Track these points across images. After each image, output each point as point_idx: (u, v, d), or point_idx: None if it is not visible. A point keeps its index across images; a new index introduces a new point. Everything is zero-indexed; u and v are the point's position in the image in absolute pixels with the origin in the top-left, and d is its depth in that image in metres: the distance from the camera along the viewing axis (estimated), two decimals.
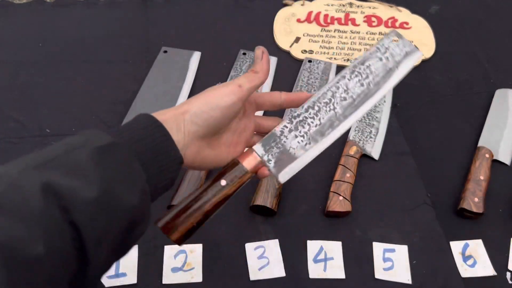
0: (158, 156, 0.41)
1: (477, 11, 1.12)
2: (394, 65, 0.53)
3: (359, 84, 0.52)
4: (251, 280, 0.66)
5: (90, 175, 0.35)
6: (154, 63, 0.93)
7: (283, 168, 0.50)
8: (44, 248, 0.31)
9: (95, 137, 0.39)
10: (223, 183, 0.47)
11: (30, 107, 0.85)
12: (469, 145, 0.84)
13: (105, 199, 0.35)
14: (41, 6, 1.05)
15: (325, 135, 0.51)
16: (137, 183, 0.38)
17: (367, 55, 0.53)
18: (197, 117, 0.44)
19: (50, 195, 0.33)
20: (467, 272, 0.68)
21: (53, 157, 0.36)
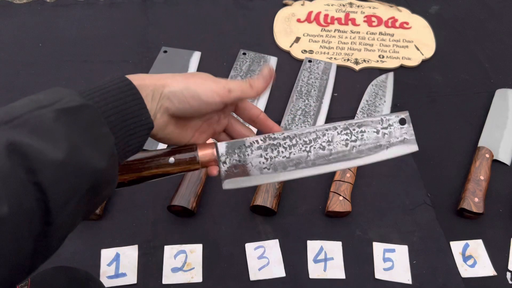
0: (128, 120, 0.40)
1: (477, 11, 1.12)
2: (386, 144, 0.51)
3: (344, 143, 0.50)
4: (251, 280, 0.66)
5: (57, 137, 0.35)
6: (154, 63, 0.93)
7: (232, 177, 0.49)
8: (8, 208, 0.31)
9: (65, 96, 0.38)
10: (171, 160, 0.47)
11: None
12: (469, 145, 0.84)
13: (71, 162, 0.35)
14: (41, 6, 1.05)
15: (286, 169, 0.50)
16: (105, 147, 0.38)
17: (368, 121, 0.51)
18: (175, 97, 0.44)
19: (16, 155, 0.32)
20: (467, 272, 0.68)
21: (20, 114, 0.35)
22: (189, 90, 0.45)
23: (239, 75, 0.92)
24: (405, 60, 0.98)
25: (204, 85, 0.45)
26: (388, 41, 1.02)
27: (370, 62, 0.97)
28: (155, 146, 0.78)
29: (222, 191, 0.75)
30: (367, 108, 0.86)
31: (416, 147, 0.51)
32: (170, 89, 0.44)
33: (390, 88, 0.91)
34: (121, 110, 0.40)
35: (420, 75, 0.97)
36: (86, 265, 0.64)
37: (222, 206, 0.73)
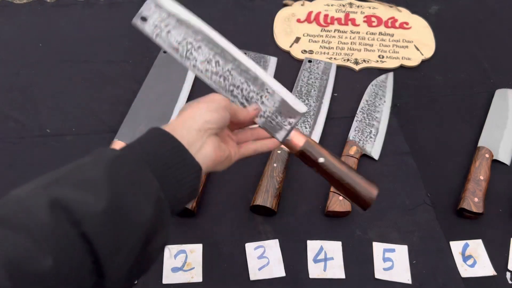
0: (173, 166, 0.41)
1: (477, 11, 1.12)
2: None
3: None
4: (251, 280, 0.66)
5: (99, 187, 0.35)
6: (154, 63, 0.93)
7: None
8: (54, 261, 0.31)
9: (104, 152, 0.39)
10: (321, 160, 0.54)
11: (30, 107, 0.85)
12: (469, 145, 0.84)
13: (115, 209, 0.35)
14: (41, 6, 1.05)
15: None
16: (150, 192, 0.38)
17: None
18: (208, 115, 0.46)
19: (58, 210, 0.33)
20: (467, 272, 0.68)
21: (62, 175, 0.37)
22: (211, 105, 0.48)
23: None
24: (405, 60, 0.98)
25: (213, 98, 0.49)
26: (388, 41, 1.02)
27: (370, 62, 0.97)
28: None
29: (222, 191, 0.75)
30: (367, 108, 0.86)
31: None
32: (199, 113, 0.46)
33: (390, 88, 0.91)
34: (163, 158, 0.41)
35: (420, 75, 0.97)
36: None
37: (222, 206, 0.73)
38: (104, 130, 0.82)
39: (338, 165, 0.54)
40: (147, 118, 0.82)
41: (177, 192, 0.41)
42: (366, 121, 0.84)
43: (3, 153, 0.78)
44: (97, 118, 0.84)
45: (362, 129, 0.83)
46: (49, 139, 0.80)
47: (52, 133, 0.81)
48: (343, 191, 0.55)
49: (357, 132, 0.82)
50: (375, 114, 0.86)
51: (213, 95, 0.50)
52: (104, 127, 0.83)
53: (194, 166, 0.43)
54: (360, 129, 0.83)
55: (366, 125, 0.84)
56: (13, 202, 0.34)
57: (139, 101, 0.85)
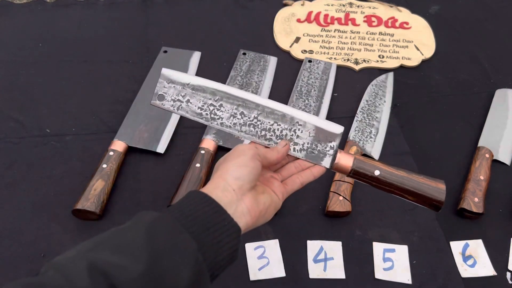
0: (211, 228, 0.41)
1: (477, 11, 1.12)
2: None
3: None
4: (251, 280, 0.66)
5: (137, 251, 0.36)
6: (154, 63, 0.93)
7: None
8: None
9: (143, 215, 0.39)
10: (376, 173, 0.53)
11: (30, 107, 0.85)
12: (469, 145, 0.84)
13: (152, 272, 0.35)
14: (41, 6, 1.05)
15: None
16: (187, 253, 0.38)
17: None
18: (238, 172, 0.46)
19: (97, 274, 0.34)
20: (467, 272, 0.68)
21: (104, 240, 0.37)
22: (237, 160, 0.47)
23: (239, 75, 0.92)
24: (405, 60, 0.98)
25: (239, 150, 0.49)
26: (388, 41, 1.02)
27: (370, 62, 0.97)
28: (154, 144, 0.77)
29: None
30: (367, 108, 0.86)
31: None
32: (228, 172, 0.46)
33: (390, 88, 0.91)
34: (201, 220, 0.41)
35: (420, 75, 0.97)
36: None
37: None
38: (104, 130, 0.82)
39: (396, 172, 0.53)
40: (147, 118, 0.82)
41: (217, 255, 0.41)
42: (366, 121, 0.84)
43: (3, 153, 0.78)
44: (97, 118, 0.84)
45: (362, 129, 0.83)
46: (49, 139, 0.80)
47: (52, 133, 0.81)
48: (411, 197, 0.54)
49: (357, 132, 0.82)
50: (375, 114, 0.86)
51: (239, 147, 0.50)
52: (104, 127, 0.83)
53: (233, 226, 0.43)
54: (360, 129, 0.83)
55: (366, 125, 0.84)
56: (54, 268, 0.34)
57: (139, 101, 0.85)
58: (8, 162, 0.77)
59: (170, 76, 0.53)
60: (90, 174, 0.72)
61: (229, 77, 0.91)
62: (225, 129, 0.53)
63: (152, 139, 0.79)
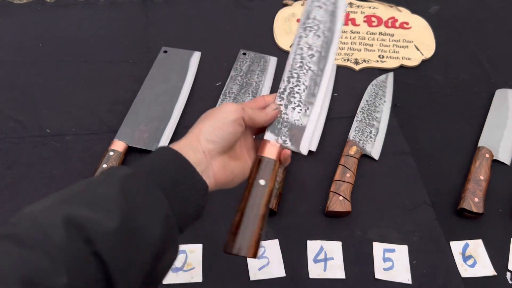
0: (180, 185, 0.41)
1: (477, 11, 1.12)
2: (332, 6, 0.57)
3: (315, 36, 0.56)
4: (251, 280, 0.66)
5: (111, 206, 0.36)
6: (154, 63, 0.93)
7: (299, 141, 0.51)
8: (68, 279, 0.32)
9: (116, 170, 0.40)
10: (262, 183, 0.48)
11: (30, 107, 0.85)
12: (469, 145, 0.84)
13: (127, 228, 0.36)
14: (41, 6, 1.05)
15: (315, 94, 0.53)
16: (160, 210, 0.39)
17: (308, 9, 0.57)
18: (212, 134, 0.46)
19: (72, 228, 0.34)
20: (467, 272, 0.68)
21: (76, 193, 0.37)
22: (216, 121, 0.47)
23: (239, 75, 0.92)
24: (405, 60, 0.98)
25: (223, 111, 0.48)
26: (388, 41, 1.02)
27: (370, 62, 0.97)
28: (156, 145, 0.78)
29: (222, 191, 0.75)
30: (367, 108, 0.86)
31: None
32: (202, 132, 0.46)
33: (390, 88, 0.91)
34: (171, 176, 0.41)
35: (420, 75, 0.97)
36: None
37: (222, 206, 0.73)
38: (104, 130, 0.82)
39: (262, 202, 0.48)
40: (147, 118, 0.82)
41: (184, 210, 0.42)
42: (366, 121, 0.84)
43: (3, 153, 0.78)
44: (97, 118, 0.84)
45: (362, 129, 0.83)
46: (49, 139, 0.80)
47: (52, 133, 0.81)
48: (236, 218, 0.48)
49: (357, 132, 0.82)
50: (375, 114, 0.86)
51: (225, 106, 0.49)
52: (104, 127, 0.83)
53: (201, 184, 0.43)
54: (360, 129, 0.83)
55: (366, 125, 0.84)
56: (28, 220, 0.34)
57: (139, 101, 0.85)
58: (8, 162, 0.77)
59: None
60: (90, 174, 0.72)
61: (229, 77, 0.91)
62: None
63: (152, 139, 0.79)
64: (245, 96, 0.88)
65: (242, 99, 0.87)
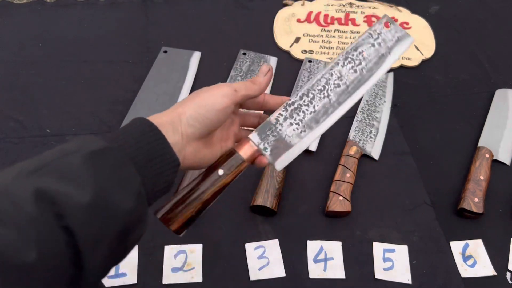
0: (154, 160, 0.41)
1: (477, 11, 1.12)
2: (387, 50, 0.54)
3: (352, 70, 0.53)
4: (251, 280, 0.66)
5: (83, 180, 0.35)
6: (154, 63, 0.93)
7: (279, 156, 0.50)
8: (37, 254, 0.31)
9: (89, 142, 0.39)
10: (220, 172, 0.48)
11: (30, 107, 0.85)
12: (469, 145, 0.84)
13: (98, 203, 0.35)
14: (41, 6, 1.05)
15: (319, 122, 0.52)
16: (132, 187, 0.38)
17: (360, 41, 0.53)
18: (194, 119, 0.45)
19: (43, 201, 0.33)
20: (467, 272, 0.68)
21: (46, 163, 0.36)
22: (201, 106, 0.46)
23: (239, 75, 0.92)
24: (405, 60, 0.98)
25: (213, 96, 0.46)
26: None
27: None
28: None
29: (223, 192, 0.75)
30: (367, 108, 0.86)
31: (411, 38, 0.54)
32: (186, 115, 0.45)
33: (390, 88, 0.91)
34: (145, 151, 0.41)
35: (420, 75, 0.97)
36: None
37: (222, 206, 0.73)
38: (104, 130, 0.82)
39: (211, 189, 0.48)
40: None
41: (155, 186, 0.41)
42: (366, 121, 0.84)
43: (3, 153, 0.78)
44: (97, 118, 0.84)
45: (362, 129, 0.83)
46: (49, 139, 0.80)
47: (52, 133, 0.81)
48: (181, 192, 0.48)
49: (357, 132, 0.82)
50: (375, 114, 0.86)
51: (218, 89, 0.47)
52: (104, 127, 0.83)
53: (174, 160, 0.43)
54: (360, 129, 0.83)
55: (366, 125, 0.84)
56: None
57: (139, 101, 0.85)
58: (8, 162, 0.76)
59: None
60: None
61: (229, 77, 0.91)
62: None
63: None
64: None
65: None
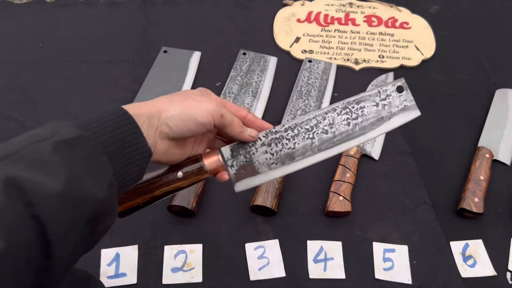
0: (126, 149, 0.41)
1: (477, 11, 1.12)
2: (388, 115, 0.51)
3: (346, 122, 0.50)
4: (251, 280, 0.66)
5: (55, 169, 0.35)
6: (154, 63, 0.93)
7: (242, 178, 0.50)
8: (6, 243, 0.31)
9: (61, 129, 0.38)
10: (179, 175, 0.47)
11: (30, 107, 0.85)
12: (469, 145, 0.84)
13: (70, 193, 0.35)
14: (41, 6, 1.05)
15: (294, 160, 0.50)
16: (104, 177, 0.38)
17: (366, 96, 0.50)
18: (173, 122, 0.44)
19: (13, 190, 0.32)
20: (467, 272, 0.68)
21: (17, 149, 0.35)
22: (185, 113, 0.45)
23: (239, 75, 0.92)
24: (405, 60, 0.98)
25: (199, 107, 0.46)
26: (388, 41, 1.02)
27: (370, 62, 0.97)
28: None
29: (222, 191, 0.75)
30: None
31: (418, 111, 0.52)
32: (167, 114, 0.44)
33: None
34: (118, 140, 0.40)
35: (420, 75, 0.97)
36: (86, 265, 0.64)
37: (222, 206, 0.73)
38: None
39: (162, 188, 0.48)
40: None
41: (125, 175, 0.41)
42: None
43: None
44: None
45: None
46: None
47: None
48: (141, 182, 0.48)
49: None
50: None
51: (206, 103, 0.46)
52: None
53: (146, 151, 0.42)
54: None
55: None
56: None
57: (139, 101, 0.85)
58: None
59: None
60: None
61: (229, 77, 0.91)
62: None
63: None
64: (245, 96, 0.88)
65: (242, 99, 0.87)
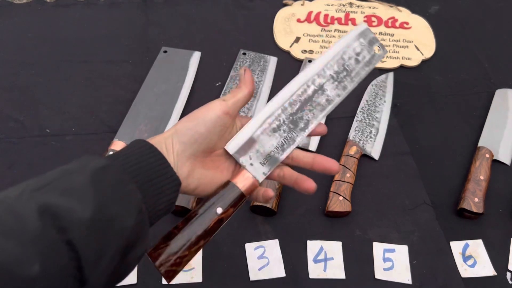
0: (154, 179, 0.42)
1: (477, 11, 1.12)
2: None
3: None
4: (251, 280, 0.66)
5: (85, 196, 0.36)
6: (154, 63, 0.93)
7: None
8: (40, 268, 0.32)
9: (90, 161, 0.40)
10: (219, 211, 0.45)
11: (30, 107, 0.85)
12: (469, 145, 0.84)
13: (100, 219, 0.36)
14: (41, 6, 1.05)
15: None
16: (133, 203, 0.39)
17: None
18: (183, 135, 0.45)
19: (47, 216, 0.34)
20: (467, 272, 0.68)
21: (50, 181, 0.37)
22: (191, 120, 0.46)
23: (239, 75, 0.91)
24: (405, 60, 0.98)
25: (202, 109, 0.47)
26: (388, 41, 1.02)
27: None
28: None
29: None
30: (367, 108, 0.86)
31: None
32: (177, 132, 0.45)
33: (390, 88, 0.91)
34: (146, 170, 0.42)
35: (420, 75, 0.97)
36: None
37: None
38: (104, 130, 0.82)
39: (205, 229, 0.45)
40: (147, 118, 0.82)
41: (156, 205, 0.42)
42: (366, 121, 0.84)
43: (3, 153, 0.78)
44: (97, 118, 0.84)
45: (362, 129, 0.83)
46: (49, 139, 0.80)
47: (52, 133, 0.81)
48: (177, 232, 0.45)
49: (357, 132, 0.82)
50: (375, 114, 0.86)
51: (210, 104, 0.48)
52: (104, 127, 0.83)
53: (174, 180, 0.43)
54: (360, 129, 0.83)
55: (366, 125, 0.84)
56: (2, 207, 0.34)
57: (139, 101, 0.85)
58: (8, 162, 0.77)
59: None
60: None
61: (229, 77, 0.91)
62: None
63: None
64: None
65: None
